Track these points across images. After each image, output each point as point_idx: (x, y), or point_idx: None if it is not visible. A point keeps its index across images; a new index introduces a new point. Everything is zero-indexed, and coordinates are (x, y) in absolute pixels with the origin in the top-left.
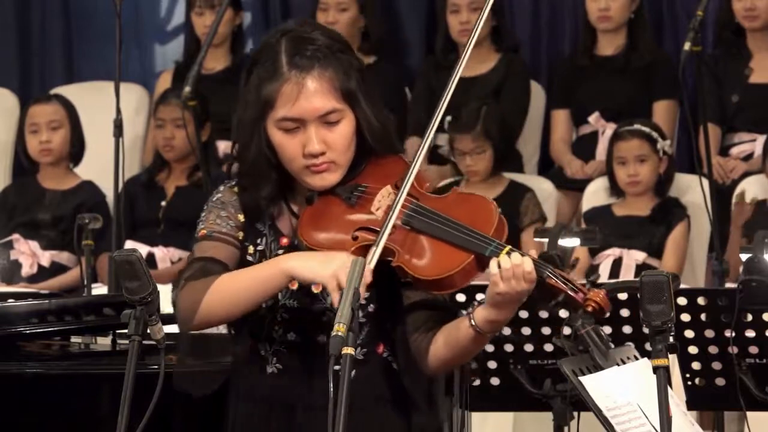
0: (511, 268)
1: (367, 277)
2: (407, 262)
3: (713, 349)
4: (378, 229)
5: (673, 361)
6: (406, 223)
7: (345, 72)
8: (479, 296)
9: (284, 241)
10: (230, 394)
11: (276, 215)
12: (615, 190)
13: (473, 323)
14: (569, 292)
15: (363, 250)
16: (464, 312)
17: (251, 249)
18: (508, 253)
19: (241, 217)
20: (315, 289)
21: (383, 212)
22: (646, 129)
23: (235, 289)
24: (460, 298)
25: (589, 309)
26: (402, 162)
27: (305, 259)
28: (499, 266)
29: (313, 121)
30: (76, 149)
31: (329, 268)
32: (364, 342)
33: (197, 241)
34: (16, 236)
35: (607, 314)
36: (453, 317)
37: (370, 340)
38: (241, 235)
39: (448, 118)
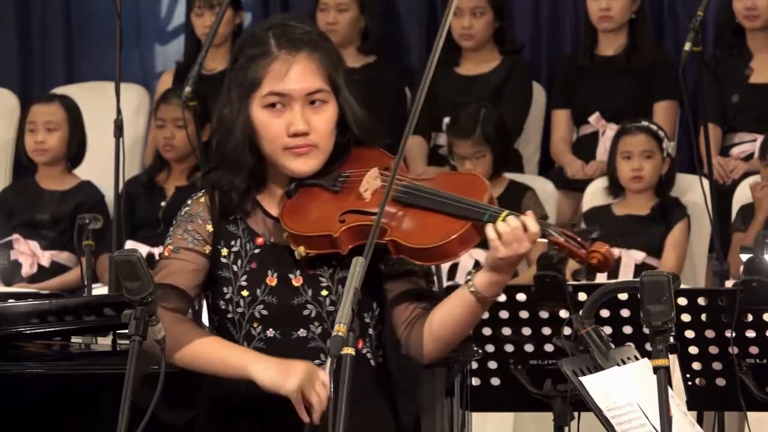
0: (511, 231)
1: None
2: (402, 236)
3: (714, 350)
4: (366, 210)
5: (673, 361)
6: (397, 199)
7: (332, 61)
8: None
9: (259, 240)
10: (200, 398)
11: (248, 215)
12: (614, 188)
13: (473, 289)
14: (572, 247)
15: (350, 233)
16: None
17: (225, 251)
18: (504, 219)
19: (210, 227)
20: (295, 282)
21: (371, 194)
22: (653, 127)
23: (205, 364)
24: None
25: (594, 262)
26: (383, 155)
27: (268, 369)
28: (498, 232)
29: (299, 99)
30: (73, 152)
31: (293, 381)
32: None
33: (163, 258)
34: (16, 236)
35: (611, 267)
36: (434, 304)
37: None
38: (208, 249)
39: (447, 119)
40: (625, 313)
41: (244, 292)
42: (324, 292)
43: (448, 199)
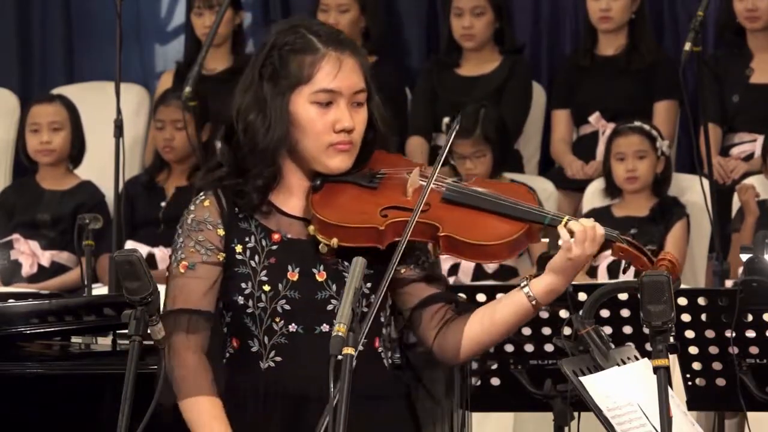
0: (584, 230)
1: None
2: (458, 231)
3: (714, 350)
4: (409, 207)
5: (673, 361)
6: (448, 198)
7: (368, 66)
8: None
9: (276, 236)
10: None
11: (262, 214)
12: (611, 190)
13: (530, 295)
14: (638, 254)
15: (394, 227)
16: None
17: (239, 248)
18: (568, 221)
19: (221, 231)
20: (319, 277)
21: (413, 191)
22: (646, 126)
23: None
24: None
25: (662, 268)
26: (404, 159)
27: None
28: (571, 231)
29: (346, 97)
30: (76, 151)
31: None
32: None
33: (179, 276)
34: (16, 236)
35: (679, 274)
36: (468, 307)
37: (369, 333)
38: (221, 256)
39: (446, 119)
40: (625, 313)
41: (266, 287)
42: None
43: (504, 201)
